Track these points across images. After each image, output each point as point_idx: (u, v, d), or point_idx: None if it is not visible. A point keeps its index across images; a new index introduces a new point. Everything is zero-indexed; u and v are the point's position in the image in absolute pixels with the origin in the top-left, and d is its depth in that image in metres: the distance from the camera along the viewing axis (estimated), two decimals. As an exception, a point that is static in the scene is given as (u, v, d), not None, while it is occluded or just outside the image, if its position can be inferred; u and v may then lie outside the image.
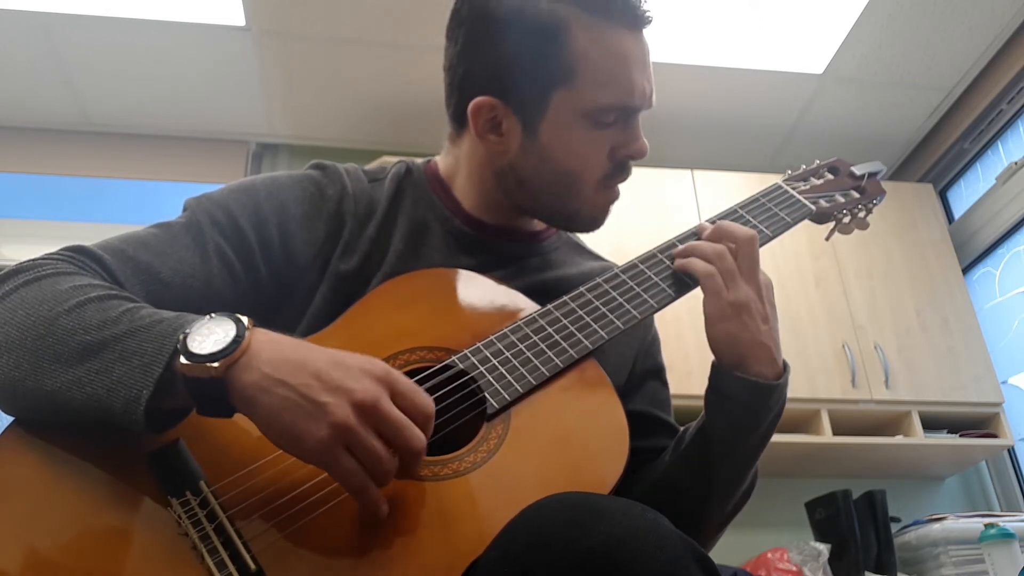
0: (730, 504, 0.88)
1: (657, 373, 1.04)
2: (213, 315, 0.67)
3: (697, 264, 0.87)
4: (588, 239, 1.11)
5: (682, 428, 0.91)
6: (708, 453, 0.84)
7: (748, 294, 0.83)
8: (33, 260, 0.76)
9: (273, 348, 0.66)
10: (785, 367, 0.85)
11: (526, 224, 1.00)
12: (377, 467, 0.63)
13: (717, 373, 0.84)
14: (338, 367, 0.65)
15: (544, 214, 0.97)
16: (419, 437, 0.64)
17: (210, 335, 0.65)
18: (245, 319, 0.67)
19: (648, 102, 0.92)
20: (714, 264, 0.85)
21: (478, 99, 0.90)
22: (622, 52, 0.88)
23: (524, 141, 0.91)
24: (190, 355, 0.64)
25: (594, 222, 0.96)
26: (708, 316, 0.84)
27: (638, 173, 0.95)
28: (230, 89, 2.80)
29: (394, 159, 1.05)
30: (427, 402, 0.66)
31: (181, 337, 0.65)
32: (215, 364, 0.63)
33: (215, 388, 0.64)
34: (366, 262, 0.91)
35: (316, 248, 0.90)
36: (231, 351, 0.64)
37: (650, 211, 2.61)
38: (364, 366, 0.65)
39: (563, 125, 0.89)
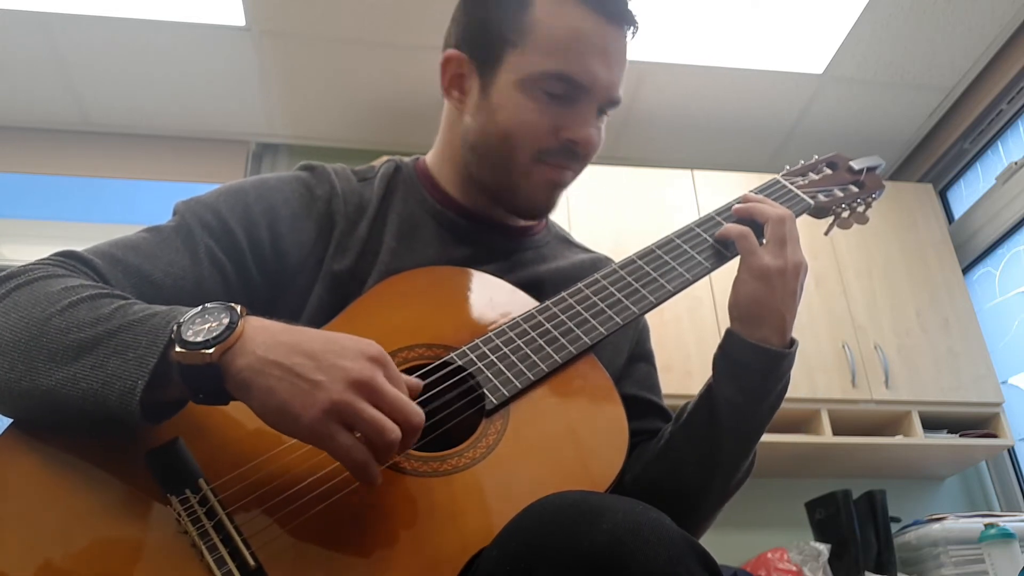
0: (732, 480, 0.88)
1: (647, 357, 1.05)
2: (206, 305, 0.68)
3: (759, 216, 0.90)
4: (588, 238, 1.11)
5: (683, 405, 0.91)
6: (715, 420, 0.85)
7: (787, 263, 0.85)
8: (23, 266, 0.76)
9: (266, 333, 0.66)
10: (792, 342, 0.87)
11: (515, 218, 1.01)
12: (380, 437, 0.62)
13: (729, 338, 0.86)
14: (332, 346, 0.65)
15: (491, 187, 0.96)
16: (417, 411, 0.64)
17: (204, 324, 0.65)
18: (238, 307, 0.67)
19: (604, 92, 0.91)
20: (771, 226, 0.87)
21: (448, 51, 0.95)
22: (580, 29, 0.89)
23: (479, 100, 0.93)
24: (184, 343, 0.64)
25: (536, 203, 0.95)
26: (742, 273, 0.86)
27: (638, 173, 0.96)
28: (230, 89, 2.80)
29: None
30: (417, 383, 0.68)
31: (175, 327, 0.65)
32: (210, 351, 0.63)
33: (211, 375, 0.64)
34: (360, 261, 0.91)
35: (307, 248, 0.90)
36: (225, 337, 0.64)
37: (650, 211, 2.62)
38: (359, 346, 0.66)
39: (509, 86, 0.90)
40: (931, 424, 2.53)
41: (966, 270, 2.91)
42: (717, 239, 0.91)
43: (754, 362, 0.83)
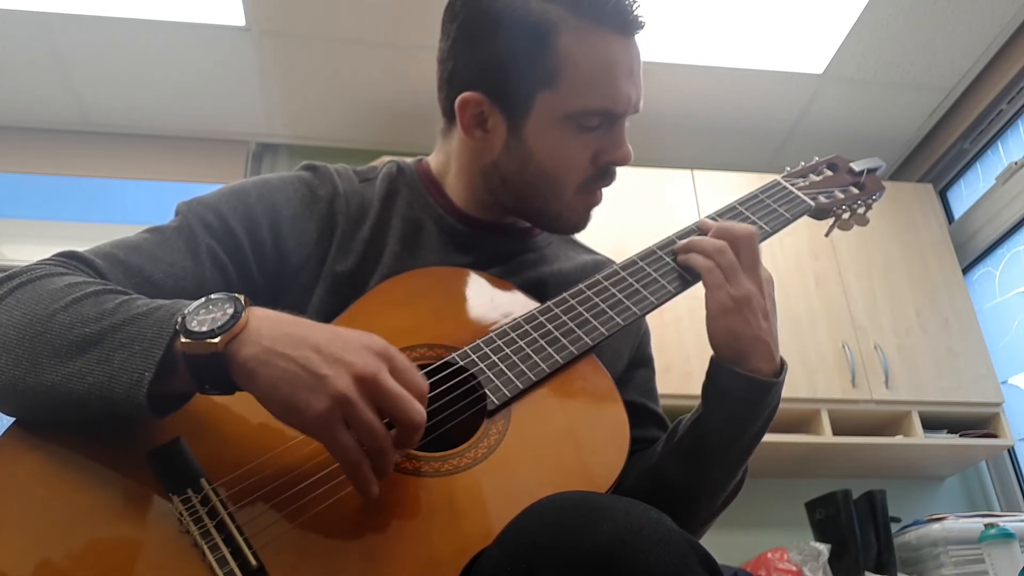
0: (719, 500, 0.88)
1: (647, 363, 1.05)
2: (210, 296, 0.68)
3: (698, 259, 0.87)
4: (589, 239, 1.11)
5: (676, 420, 0.91)
6: (703, 447, 0.84)
7: (750, 289, 0.83)
8: (25, 266, 0.76)
9: (273, 323, 0.66)
10: (783, 365, 0.86)
11: (518, 220, 1.00)
12: (373, 442, 0.63)
13: (716, 368, 0.85)
14: (338, 340, 0.65)
15: (526, 214, 0.97)
16: (419, 410, 0.64)
17: (209, 315, 0.66)
18: (242, 297, 0.67)
19: (633, 108, 0.92)
20: (714, 259, 0.85)
21: (465, 94, 0.91)
22: (608, 58, 0.88)
23: (509, 140, 0.91)
24: (190, 333, 0.64)
25: (575, 226, 0.97)
26: (709, 311, 0.84)
27: (638, 173, 0.96)
28: (230, 89, 2.80)
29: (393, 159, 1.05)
30: (423, 381, 0.67)
31: (179, 319, 0.66)
32: (215, 340, 0.63)
33: (216, 364, 0.64)
34: (362, 263, 0.91)
35: (309, 248, 0.90)
36: (230, 326, 0.64)
37: (650, 211, 2.62)
38: (364, 340, 0.66)
39: (546, 127, 0.89)
40: (931, 424, 2.53)
41: (966, 270, 2.91)
42: (682, 266, 0.89)
43: (742, 392, 0.83)
